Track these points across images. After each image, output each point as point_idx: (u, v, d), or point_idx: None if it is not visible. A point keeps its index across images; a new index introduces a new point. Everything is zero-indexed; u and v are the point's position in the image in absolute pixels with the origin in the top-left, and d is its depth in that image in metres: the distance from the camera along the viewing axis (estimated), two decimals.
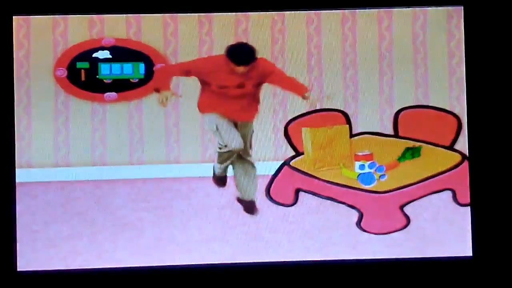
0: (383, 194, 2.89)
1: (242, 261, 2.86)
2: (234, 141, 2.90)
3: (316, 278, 2.86)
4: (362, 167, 2.90)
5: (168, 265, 2.86)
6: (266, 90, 2.91)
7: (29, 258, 2.82)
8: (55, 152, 2.86)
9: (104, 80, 2.89)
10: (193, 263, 2.86)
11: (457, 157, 2.91)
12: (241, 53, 2.89)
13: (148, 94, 2.89)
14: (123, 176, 2.87)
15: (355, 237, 2.88)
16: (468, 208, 2.88)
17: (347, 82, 2.93)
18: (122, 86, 2.89)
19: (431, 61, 2.93)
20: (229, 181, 2.89)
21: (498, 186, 2.86)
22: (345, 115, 2.92)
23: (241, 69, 2.87)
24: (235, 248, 2.87)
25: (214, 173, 2.90)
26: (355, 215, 2.89)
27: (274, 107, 2.92)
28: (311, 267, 2.86)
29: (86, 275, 2.83)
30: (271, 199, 2.89)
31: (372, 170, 2.90)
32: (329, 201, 2.89)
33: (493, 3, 2.89)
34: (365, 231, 2.88)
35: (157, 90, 2.88)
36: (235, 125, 2.92)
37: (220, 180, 2.90)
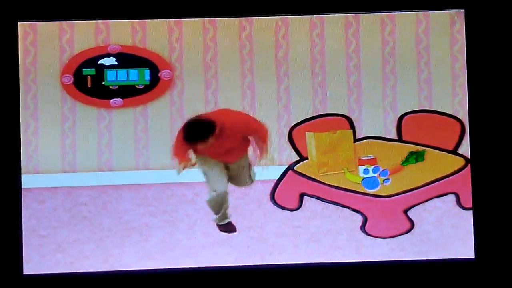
0: (387, 198, 2.91)
1: (247, 264, 2.89)
2: (219, 186, 2.89)
3: (321, 280, 2.87)
4: (366, 171, 2.91)
5: (174, 269, 2.87)
6: (270, 94, 2.93)
7: (36, 263, 2.84)
8: (62, 157, 2.89)
9: (110, 87, 2.91)
10: (199, 266, 2.88)
11: (461, 161, 2.92)
12: (193, 132, 2.85)
13: (153, 100, 2.92)
14: (129, 181, 2.89)
15: (360, 241, 2.90)
16: (472, 212, 2.90)
17: (350, 87, 2.94)
18: (128, 92, 2.91)
19: (434, 65, 2.94)
20: (235, 187, 2.92)
21: (500, 189, 2.87)
22: (349, 120, 2.93)
23: (206, 143, 2.83)
24: (241, 252, 2.89)
25: (217, 225, 2.90)
26: (359, 219, 2.91)
27: (278, 112, 2.93)
28: (316, 270, 2.88)
29: (91, 278, 2.85)
30: (275, 203, 2.91)
31: (376, 175, 2.91)
32: (333, 206, 2.91)
33: (494, 6, 2.90)
34: (369, 235, 2.89)
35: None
36: (227, 167, 2.91)
37: (227, 227, 2.89)
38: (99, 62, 2.90)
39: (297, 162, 2.92)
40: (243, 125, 2.90)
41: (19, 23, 2.88)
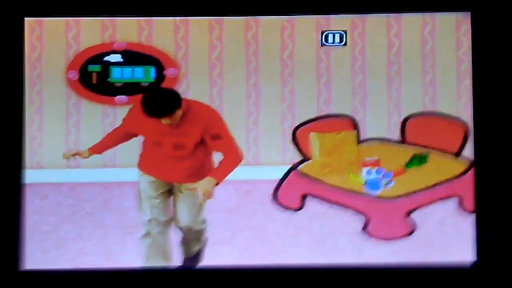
0: (389, 201, 2.90)
1: (249, 264, 2.88)
2: (158, 214, 2.82)
3: (322, 282, 2.87)
4: (369, 173, 2.91)
5: (176, 267, 2.88)
6: (275, 94, 2.93)
7: (38, 258, 2.85)
8: None
9: (115, 84, 2.91)
10: (201, 265, 2.89)
11: (465, 164, 2.91)
12: (153, 105, 2.66)
13: None
14: (132, 178, 2.89)
15: (361, 242, 2.89)
16: (474, 215, 2.88)
17: (355, 88, 2.94)
18: (132, 89, 2.91)
19: (440, 68, 2.94)
20: (238, 186, 2.92)
21: (503, 193, 2.86)
22: (353, 121, 2.93)
23: (166, 120, 2.68)
24: (242, 252, 2.89)
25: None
26: (361, 221, 2.90)
27: (282, 112, 2.93)
28: (317, 271, 2.87)
29: (93, 275, 2.85)
30: (278, 203, 2.90)
31: (379, 176, 2.91)
32: (335, 206, 2.91)
33: (500, 9, 2.89)
34: (371, 236, 2.89)
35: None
36: (169, 191, 2.83)
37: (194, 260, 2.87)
38: (104, 59, 2.91)
39: (300, 162, 2.92)
40: (209, 118, 2.75)
41: (25, 19, 2.89)
